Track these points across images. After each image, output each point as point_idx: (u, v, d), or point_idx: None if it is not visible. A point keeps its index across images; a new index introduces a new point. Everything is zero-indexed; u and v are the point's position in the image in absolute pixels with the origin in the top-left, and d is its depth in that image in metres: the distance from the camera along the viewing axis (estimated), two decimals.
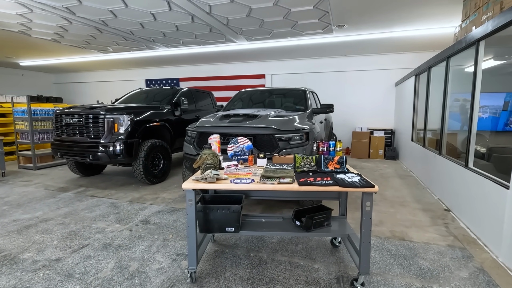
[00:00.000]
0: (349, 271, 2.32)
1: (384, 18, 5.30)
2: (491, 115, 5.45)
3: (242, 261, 2.49)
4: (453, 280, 2.20)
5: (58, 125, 4.97)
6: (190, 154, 3.84)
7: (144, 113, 4.97)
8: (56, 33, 6.43)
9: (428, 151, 4.88)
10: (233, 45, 7.43)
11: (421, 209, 3.76)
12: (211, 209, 2.16)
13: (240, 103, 5.19)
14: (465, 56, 3.68)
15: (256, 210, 3.76)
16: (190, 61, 9.67)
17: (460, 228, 3.16)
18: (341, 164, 2.35)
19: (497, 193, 2.58)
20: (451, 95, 4.28)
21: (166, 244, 2.81)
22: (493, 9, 2.96)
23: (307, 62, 8.99)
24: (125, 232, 3.08)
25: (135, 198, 4.29)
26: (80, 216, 3.56)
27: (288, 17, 5.32)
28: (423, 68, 5.34)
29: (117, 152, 4.49)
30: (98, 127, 4.57)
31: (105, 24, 5.78)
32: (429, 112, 5.13)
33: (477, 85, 3.13)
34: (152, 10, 5.01)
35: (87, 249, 2.70)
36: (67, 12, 5.08)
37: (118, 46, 7.69)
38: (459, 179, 3.50)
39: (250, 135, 3.38)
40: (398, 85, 7.92)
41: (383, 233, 3.03)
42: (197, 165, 2.22)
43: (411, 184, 5.04)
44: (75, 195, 4.45)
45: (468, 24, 3.56)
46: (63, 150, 4.82)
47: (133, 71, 11.19)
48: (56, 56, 9.04)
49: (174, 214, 3.60)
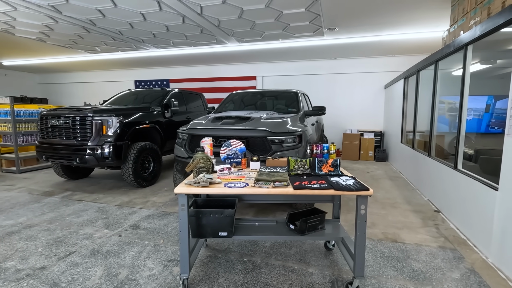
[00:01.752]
0: (344, 275, 2.31)
1: (374, 21, 5.37)
2: (475, 117, 5.60)
3: (235, 266, 2.44)
4: (445, 281, 2.22)
5: (43, 127, 4.81)
6: (181, 157, 3.77)
7: (133, 115, 4.86)
8: (41, 32, 6.24)
9: (418, 153, 4.96)
10: (224, 47, 7.39)
11: (412, 211, 3.81)
12: (204, 214, 2.11)
13: (232, 105, 5.15)
14: (453, 60, 3.76)
15: (249, 213, 3.72)
16: (180, 62, 9.57)
17: (450, 229, 3.20)
18: (335, 167, 2.34)
19: (486, 195, 2.63)
20: (439, 98, 4.36)
21: (157, 249, 2.74)
22: (480, 14, 3.03)
23: (299, 64, 9.03)
24: (114, 238, 2.99)
25: (124, 202, 4.18)
26: (66, 221, 3.44)
27: (280, 19, 5.32)
28: (412, 71, 5.43)
29: (106, 154, 4.37)
30: (86, 129, 4.44)
31: (93, 24, 5.65)
32: (418, 115, 5.22)
33: (465, 88, 3.20)
34: (142, 10, 4.92)
35: (74, 256, 2.60)
36: (53, 10, 4.93)
37: (107, 46, 7.53)
38: (448, 181, 3.56)
39: (242, 137, 3.34)
40: (388, 87, 8.04)
41: (375, 235, 3.04)
42: (190, 169, 2.17)
43: (401, 186, 5.11)
44: (61, 199, 4.30)
45: (456, 28, 3.63)
46: (49, 153, 4.66)
47: (122, 72, 10.98)
48: (41, 56, 8.78)
49: (165, 219, 3.52)
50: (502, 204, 2.39)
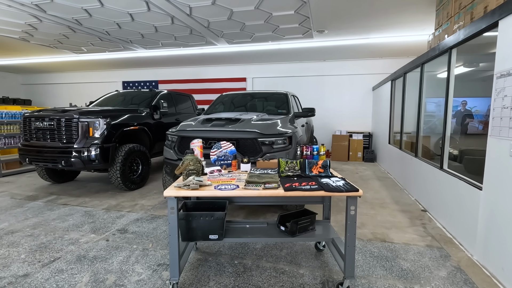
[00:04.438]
0: (334, 275, 2.32)
1: (362, 24, 5.46)
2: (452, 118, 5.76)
3: (226, 269, 2.42)
4: (433, 280, 2.26)
5: (26, 129, 4.66)
6: (170, 159, 3.72)
7: (121, 117, 4.77)
8: (24, 32, 6.06)
9: (405, 154, 5.06)
10: (214, 48, 7.36)
11: (400, 210, 3.87)
12: (194, 217, 2.09)
13: (222, 106, 5.12)
14: (438, 62, 3.86)
15: (239, 215, 3.70)
16: (169, 63, 9.47)
17: (437, 228, 3.27)
18: (325, 168, 2.36)
19: (471, 194, 2.70)
20: (425, 100, 4.46)
21: (146, 254, 2.68)
22: (464, 19, 3.12)
23: (288, 66, 9.08)
24: (101, 243, 2.91)
25: (112, 205, 4.09)
26: (51, 226, 3.33)
27: (269, 21, 5.34)
28: (399, 74, 5.55)
29: (92, 157, 4.26)
30: (71, 131, 4.33)
31: (79, 23, 5.53)
32: (405, 116, 5.33)
33: (450, 90, 3.28)
34: (130, 10, 4.85)
35: (59, 262, 2.52)
36: (37, 9, 4.79)
37: (93, 47, 7.38)
38: (434, 181, 3.64)
39: (233, 139, 3.32)
40: (375, 89, 8.18)
41: (365, 235, 3.08)
42: (180, 171, 2.14)
43: (389, 186, 5.19)
44: (45, 204, 4.17)
45: (441, 32, 3.73)
46: (32, 156, 4.52)
47: (110, 73, 10.77)
48: (25, 56, 8.52)
49: (154, 222, 3.46)
50: (486, 203, 2.46)
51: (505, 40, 2.26)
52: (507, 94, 2.19)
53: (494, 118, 2.36)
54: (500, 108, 2.27)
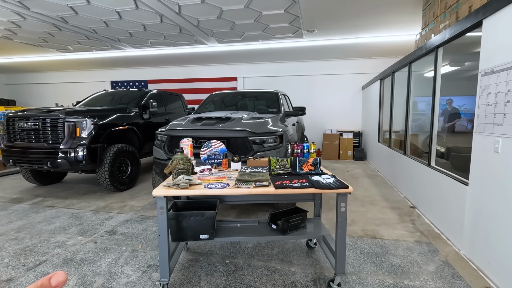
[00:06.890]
0: (325, 272, 2.33)
1: (351, 24, 5.52)
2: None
3: (217, 269, 2.40)
4: (422, 274, 2.30)
5: (10, 129, 4.51)
6: (160, 159, 3.67)
7: (109, 116, 4.67)
8: (7, 29, 5.87)
9: (394, 152, 5.13)
10: (204, 47, 7.31)
11: (390, 207, 3.93)
12: (184, 216, 2.06)
13: (212, 105, 5.09)
14: (425, 61, 3.93)
15: (231, 215, 3.68)
16: (159, 63, 9.36)
17: (425, 224, 3.33)
18: (316, 165, 2.37)
19: (458, 190, 2.76)
20: (413, 98, 4.54)
21: (135, 255, 2.63)
22: (449, 19, 3.18)
23: (279, 65, 9.10)
24: (89, 245, 2.85)
25: (100, 207, 4.00)
26: (36, 229, 3.24)
27: (260, 20, 5.34)
28: (388, 73, 5.63)
29: (79, 158, 4.16)
30: (57, 131, 4.22)
31: (65, 21, 5.39)
32: (394, 114, 5.41)
33: (437, 89, 3.35)
34: (117, 8, 4.76)
35: (45, 266, 2.45)
36: (20, 6, 4.65)
37: (80, 45, 7.22)
38: (422, 178, 3.70)
39: (223, 138, 3.30)
40: (365, 88, 8.28)
41: (355, 232, 3.10)
42: (169, 170, 2.11)
43: (379, 183, 5.26)
44: (30, 206, 4.05)
45: (428, 32, 3.80)
46: (16, 157, 4.38)
47: (97, 72, 10.56)
48: (8, 55, 8.27)
49: (144, 223, 3.41)
50: (472, 198, 2.51)
51: (489, 39, 2.31)
52: (491, 92, 2.24)
53: (479, 115, 2.41)
54: (484, 105, 2.33)
